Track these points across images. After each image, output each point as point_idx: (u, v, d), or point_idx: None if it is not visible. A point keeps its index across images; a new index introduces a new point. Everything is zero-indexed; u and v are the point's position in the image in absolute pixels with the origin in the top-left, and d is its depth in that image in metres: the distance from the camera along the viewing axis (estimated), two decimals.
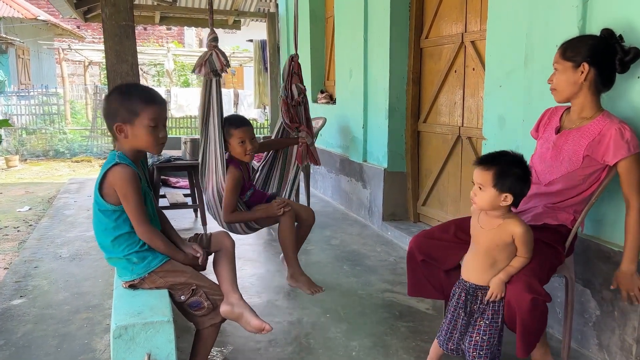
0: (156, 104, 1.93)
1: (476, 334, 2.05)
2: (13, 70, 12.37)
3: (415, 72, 4.51)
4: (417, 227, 4.48)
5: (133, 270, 1.98)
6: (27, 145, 10.77)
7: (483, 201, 1.99)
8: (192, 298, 2.03)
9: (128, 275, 1.99)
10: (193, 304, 2.04)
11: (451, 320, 2.13)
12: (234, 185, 2.96)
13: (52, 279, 3.60)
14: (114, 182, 1.88)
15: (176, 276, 2.02)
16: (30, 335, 2.77)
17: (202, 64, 2.97)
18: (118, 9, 2.11)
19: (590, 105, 2.19)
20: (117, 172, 1.88)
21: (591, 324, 2.50)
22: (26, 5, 13.76)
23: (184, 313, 2.11)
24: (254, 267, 3.76)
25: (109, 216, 1.93)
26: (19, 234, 4.98)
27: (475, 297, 2.07)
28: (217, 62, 2.97)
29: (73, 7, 6.71)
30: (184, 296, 2.03)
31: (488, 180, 1.96)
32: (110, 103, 1.94)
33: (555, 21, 2.62)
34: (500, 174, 1.95)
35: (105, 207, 1.92)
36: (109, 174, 1.89)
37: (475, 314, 2.07)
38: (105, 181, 1.90)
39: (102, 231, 1.97)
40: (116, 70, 2.16)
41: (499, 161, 1.98)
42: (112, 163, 1.90)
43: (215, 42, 3.03)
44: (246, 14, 8.59)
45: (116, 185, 1.88)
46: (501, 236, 2.01)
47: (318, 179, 6.53)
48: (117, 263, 2.02)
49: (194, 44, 20.64)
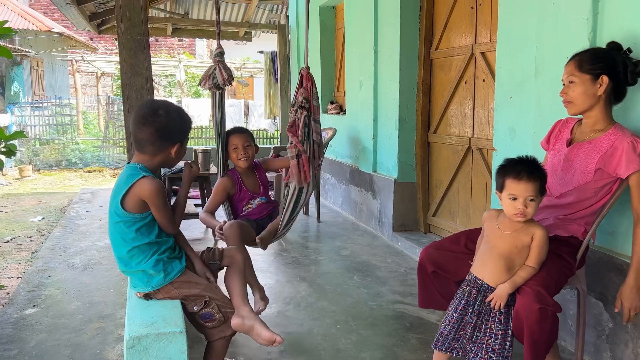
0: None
1: (487, 336, 2.04)
2: (27, 81, 12.52)
3: (425, 83, 4.53)
4: (428, 238, 4.48)
5: (148, 282, 2.02)
6: (40, 155, 10.90)
7: (535, 210, 2.03)
8: (205, 310, 2.07)
9: (143, 286, 2.04)
10: (205, 315, 2.08)
11: (458, 318, 2.10)
12: (217, 189, 3.05)
13: (65, 288, 3.63)
14: (142, 193, 1.95)
15: (190, 288, 2.06)
16: (43, 344, 2.79)
17: (206, 78, 3.07)
18: (133, 24, 2.15)
19: (603, 118, 2.19)
20: (147, 185, 1.95)
21: (604, 337, 2.48)
22: (41, 18, 13.96)
23: (195, 324, 2.13)
24: (264, 277, 3.77)
25: (129, 226, 1.97)
26: (32, 244, 5.03)
27: (485, 297, 2.07)
28: (220, 77, 3.04)
29: (87, 19, 6.82)
30: (196, 307, 2.07)
31: (537, 189, 2.01)
32: (174, 123, 2.03)
33: (566, 33, 2.63)
34: (543, 181, 2.02)
35: (127, 217, 1.97)
36: (137, 186, 1.94)
37: (485, 315, 2.06)
38: (131, 192, 1.95)
39: (120, 242, 2.00)
40: (131, 84, 2.20)
41: (538, 170, 2.03)
42: (140, 176, 1.96)
43: (221, 57, 3.07)
44: (257, 25, 8.68)
45: (146, 196, 1.95)
46: (521, 238, 2.03)
47: (328, 190, 6.54)
48: (133, 275, 2.06)
49: (205, 55, 20.82)
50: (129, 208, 1.96)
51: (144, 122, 1.99)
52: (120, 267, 2.07)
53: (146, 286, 2.02)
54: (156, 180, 1.97)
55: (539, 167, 2.03)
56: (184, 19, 8.24)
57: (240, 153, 3.04)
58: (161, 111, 2.01)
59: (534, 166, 2.03)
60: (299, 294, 3.45)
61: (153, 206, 1.97)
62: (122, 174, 2.03)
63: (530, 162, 2.04)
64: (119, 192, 1.97)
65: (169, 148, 2.02)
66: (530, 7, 2.92)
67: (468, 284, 2.13)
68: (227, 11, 8.23)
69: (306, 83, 3.28)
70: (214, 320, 2.09)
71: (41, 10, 17.30)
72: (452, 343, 2.12)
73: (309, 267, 4.05)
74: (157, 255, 2.01)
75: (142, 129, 1.99)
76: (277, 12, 8.35)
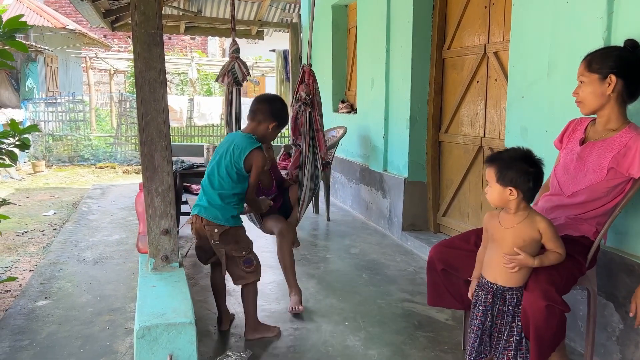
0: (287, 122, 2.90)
1: (509, 335, 2.04)
2: (41, 77, 12.65)
3: (437, 83, 4.52)
4: (437, 237, 4.46)
5: (228, 220, 2.63)
6: (53, 151, 11.00)
7: (492, 197, 2.05)
8: (248, 255, 2.69)
9: (224, 221, 2.62)
10: (247, 261, 2.69)
11: (479, 325, 2.09)
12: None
13: (76, 281, 3.67)
14: (254, 159, 2.63)
15: (246, 236, 2.74)
16: (55, 335, 2.82)
17: (225, 74, 3.07)
18: (147, 18, 2.17)
19: (616, 117, 2.17)
20: (258, 154, 2.65)
21: (614, 338, 2.46)
22: (55, 15, 14.11)
23: (233, 272, 2.71)
24: (273, 274, 3.78)
25: (241, 181, 2.65)
26: (44, 238, 5.08)
27: (503, 300, 2.05)
28: (239, 72, 3.06)
29: (101, 16, 6.87)
30: (245, 252, 2.68)
31: (492, 175, 2.03)
32: (277, 105, 2.79)
33: (579, 32, 2.61)
34: (501, 168, 2.01)
35: (242, 173, 2.64)
36: (254, 155, 2.63)
37: (507, 317, 2.04)
38: (250, 158, 2.62)
39: (229, 185, 2.63)
40: (144, 77, 2.21)
41: (501, 156, 2.06)
42: (256, 146, 2.66)
43: (237, 53, 3.11)
44: (269, 24, 8.69)
45: (255, 162, 2.63)
46: (527, 231, 2.01)
47: (338, 188, 6.54)
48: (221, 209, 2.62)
49: (217, 53, 20.92)
50: (246, 167, 2.62)
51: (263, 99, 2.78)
52: (217, 201, 2.62)
53: (227, 222, 2.62)
54: (262, 153, 2.67)
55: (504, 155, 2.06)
56: (197, 17, 8.27)
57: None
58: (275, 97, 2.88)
59: (501, 153, 2.09)
60: (308, 290, 3.46)
61: (254, 168, 2.64)
62: (240, 140, 2.67)
63: (505, 150, 2.13)
64: (242, 152, 2.62)
65: (270, 125, 2.72)
66: (544, 6, 2.91)
67: (483, 288, 2.12)
68: (240, 9, 8.25)
69: (308, 79, 3.34)
70: (252, 265, 2.69)
71: (56, 7, 17.47)
72: (480, 348, 2.12)
73: (318, 265, 4.05)
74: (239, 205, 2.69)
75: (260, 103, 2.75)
76: (290, 10, 8.35)
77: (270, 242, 4.53)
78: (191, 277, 3.69)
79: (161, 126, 2.36)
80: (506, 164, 2.01)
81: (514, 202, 2.01)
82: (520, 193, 2.00)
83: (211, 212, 2.62)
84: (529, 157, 2.03)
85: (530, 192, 2.02)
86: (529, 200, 2.04)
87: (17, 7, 13.28)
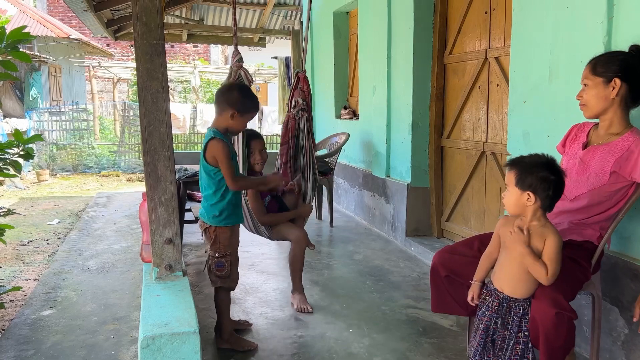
0: (257, 110, 2.77)
1: (515, 344, 2.03)
2: (45, 87, 12.73)
3: (439, 88, 4.52)
4: (441, 242, 4.46)
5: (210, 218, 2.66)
6: (57, 160, 11.05)
7: (508, 202, 2.01)
8: (221, 259, 2.68)
9: (208, 220, 2.67)
10: (218, 263, 2.68)
11: (484, 329, 2.08)
12: None
13: (81, 290, 3.68)
14: (212, 151, 2.56)
15: (226, 239, 2.69)
16: (59, 345, 2.83)
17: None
18: (149, 29, 2.18)
19: (619, 121, 2.18)
20: (214, 145, 2.56)
21: (619, 343, 2.45)
22: (59, 25, 14.20)
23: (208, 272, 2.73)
24: (277, 281, 3.78)
25: (212, 177, 2.60)
26: (48, 247, 5.10)
27: (508, 309, 2.04)
28: (246, 81, 3.12)
29: (104, 26, 6.91)
30: (217, 253, 2.67)
31: (511, 179, 1.99)
32: (233, 93, 2.65)
33: (580, 37, 2.62)
34: (521, 172, 1.97)
35: (208, 168, 2.59)
36: (209, 146, 2.57)
37: (512, 327, 2.03)
38: (208, 150, 2.57)
39: (207, 184, 2.64)
40: (147, 87, 2.23)
41: (523, 160, 2.01)
42: (210, 137, 2.58)
43: (242, 61, 3.17)
44: (271, 31, 8.73)
45: (214, 153, 2.55)
46: (534, 242, 1.97)
47: (341, 194, 6.55)
48: (208, 209, 2.67)
49: (219, 61, 20.99)
50: (209, 161, 2.58)
51: (219, 91, 2.73)
52: (204, 201, 2.68)
53: (209, 221, 2.66)
54: (220, 141, 2.56)
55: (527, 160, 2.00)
56: (199, 25, 8.31)
57: (257, 157, 3.23)
58: (231, 86, 2.80)
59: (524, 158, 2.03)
60: (312, 297, 3.46)
61: (218, 159, 2.55)
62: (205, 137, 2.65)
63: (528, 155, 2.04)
64: (203, 147, 2.60)
65: (230, 114, 2.59)
66: (544, 11, 2.92)
67: (490, 294, 2.11)
68: (242, 17, 8.29)
69: (304, 85, 3.45)
70: (222, 270, 2.68)
71: (59, 17, 17.59)
72: (483, 352, 2.10)
73: (322, 271, 4.05)
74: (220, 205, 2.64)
75: (217, 95, 2.69)
76: (291, 18, 8.39)
77: (274, 250, 4.53)
78: (195, 285, 3.69)
79: (164, 136, 2.38)
80: (527, 168, 1.96)
81: (531, 209, 1.96)
82: (538, 200, 1.94)
83: (202, 210, 2.74)
84: (552, 164, 1.97)
85: (548, 201, 1.96)
86: (546, 209, 1.99)
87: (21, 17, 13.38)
